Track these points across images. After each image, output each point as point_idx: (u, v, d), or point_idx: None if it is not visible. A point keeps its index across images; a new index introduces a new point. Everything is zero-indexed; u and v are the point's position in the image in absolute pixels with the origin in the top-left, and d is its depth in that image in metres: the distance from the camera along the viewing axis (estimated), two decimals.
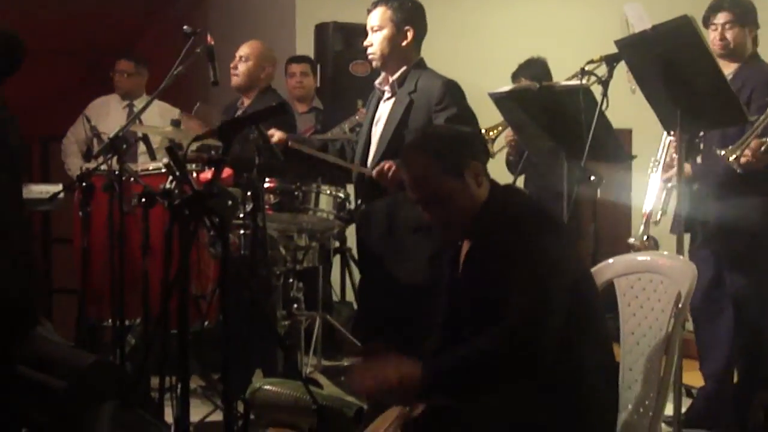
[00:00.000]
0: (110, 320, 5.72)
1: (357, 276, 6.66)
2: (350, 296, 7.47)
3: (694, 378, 5.20)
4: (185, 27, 4.90)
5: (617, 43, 4.22)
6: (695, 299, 4.43)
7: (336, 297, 7.58)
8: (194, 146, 4.13)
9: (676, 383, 4.21)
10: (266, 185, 4.51)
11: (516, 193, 3.53)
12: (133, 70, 7.60)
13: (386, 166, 4.70)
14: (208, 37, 4.94)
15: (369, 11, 4.95)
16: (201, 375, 5.50)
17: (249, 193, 4.14)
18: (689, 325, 5.19)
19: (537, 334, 2.95)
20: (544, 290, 2.98)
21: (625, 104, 4.94)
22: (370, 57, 4.96)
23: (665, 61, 4.04)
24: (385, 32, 4.87)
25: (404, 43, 4.89)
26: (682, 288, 3.32)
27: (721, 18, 4.84)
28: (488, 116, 5.33)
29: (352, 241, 6.16)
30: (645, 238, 4.79)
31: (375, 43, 4.90)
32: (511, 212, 3.19)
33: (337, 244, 6.20)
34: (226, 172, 4.59)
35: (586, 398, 3.10)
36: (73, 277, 6.86)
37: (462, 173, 3.17)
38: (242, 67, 6.08)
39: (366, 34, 4.97)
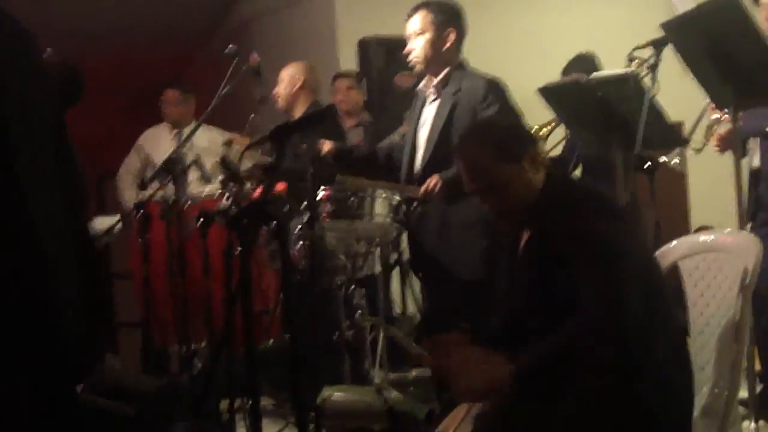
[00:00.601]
0: (176, 346, 5.77)
1: (417, 287, 6.66)
2: (412, 309, 7.44)
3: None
4: (230, 46, 4.94)
5: (663, 26, 4.17)
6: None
7: (397, 310, 7.56)
8: (248, 164, 4.16)
9: (749, 368, 4.14)
10: (320, 194, 4.51)
11: (573, 180, 3.52)
12: (180, 99, 7.66)
13: (432, 183, 4.75)
14: (254, 56, 4.98)
15: (409, 16, 4.99)
16: (269, 393, 5.50)
17: (304, 204, 4.15)
18: None
19: (620, 321, 2.92)
20: (617, 276, 2.95)
21: (675, 97, 4.88)
22: (413, 61, 5.01)
23: (712, 39, 3.99)
24: (427, 36, 4.93)
25: (446, 46, 4.95)
26: (749, 263, 3.27)
27: None
28: (540, 118, 5.33)
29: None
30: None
31: (417, 47, 4.95)
32: (572, 198, 3.17)
33: (395, 255, 6.19)
34: (280, 185, 4.61)
35: (662, 384, 3.05)
36: (134, 310, 6.92)
37: (519, 160, 3.16)
38: (279, 90, 6.16)
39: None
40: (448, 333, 3.32)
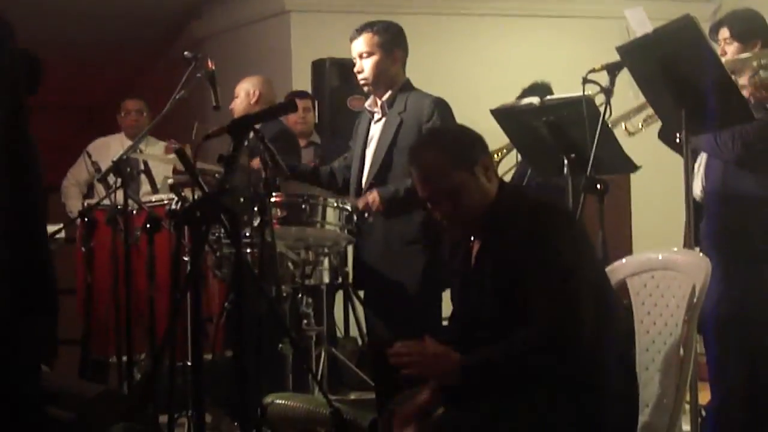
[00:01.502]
0: (115, 357, 5.67)
1: (360, 311, 6.65)
2: (354, 332, 7.42)
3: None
4: (186, 53, 4.94)
5: (618, 49, 4.21)
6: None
7: (340, 333, 7.53)
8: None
9: (693, 403, 4.15)
10: (273, 199, 4.50)
11: (525, 191, 3.54)
12: (142, 108, 7.68)
13: (370, 198, 4.81)
14: (209, 62, 4.97)
15: (352, 38, 5.05)
16: (209, 408, 5.42)
17: (256, 209, 4.13)
18: (700, 347, 5.13)
19: (571, 333, 2.94)
20: (569, 288, 2.97)
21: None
22: (362, 83, 5.09)
23: (668, 63, 4.03)
24: (375, 57, 5.02)
25: (393, 66, 5.03)
26: (697, 282, 3.30)
27: (722, 33, 4.82)
28: (491, 144, 5.35)
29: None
30: None
31: (366, 68, 5.04)
32: (524, 208, 3.18)
33: (345, 270, 6.19)
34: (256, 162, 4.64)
35: (608, 397, 3.07)
36: (75, 327, 6.79)
37: (473, 167, 3.17)
38: (236, 104, 6.23)
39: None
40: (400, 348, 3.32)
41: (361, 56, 5.05)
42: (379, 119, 5.10)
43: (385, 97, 5.05)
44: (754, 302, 4.62)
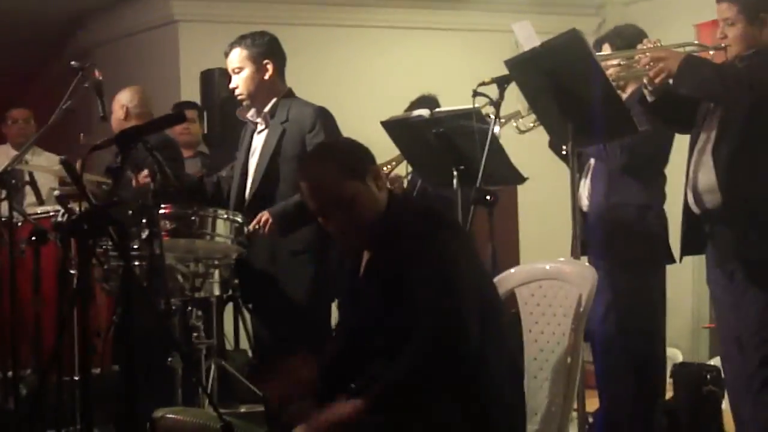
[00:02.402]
0: None
1: (249, 324, 6.61)
2: (244, 344, 7.38)
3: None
4: (73, 62, 4.88)
5: (507, 63, 4.27)
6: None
7: (229, 346, 7.48)
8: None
9: (580, 410, 4.21)
10: (162, 211, 4.45)
11: (413, 199, 3.56)
12: (28, 117, 7.55)
13: (262, 219, 4.81)
14: (96, 72, 4.91)
15: (226, 54, 5.06)
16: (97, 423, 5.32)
17: (144, 221, 4.08)
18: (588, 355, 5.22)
19: (457, 341, 2.96)
20: (455, 297, 2.98)
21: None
22: (238, 98, 5.09)
23: (555, 77, 4.11)
24: (246, 72, 5.05)
25: (267, 77, 5.06)
26: (583, 291, 3.36)
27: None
28: (379, 157, 5.38)
29: None
30: None
31: (239, 84, 5.06)
32: (411, 217, 3.19)
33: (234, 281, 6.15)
34: (143, 178, 4.58)
35: (494, 406, 3.09)
36: None
37: (363, 176, 3.18)
38: (113, 120, 6.06)
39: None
40: (289, 361, 3.31)
41: (234, 71, 5.07)
42: (262, 130, 5.09)
43: (267, 107, 5.05)
44: (639, 311, 4.72)
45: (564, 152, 4.36)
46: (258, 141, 5.10)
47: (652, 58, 4.09)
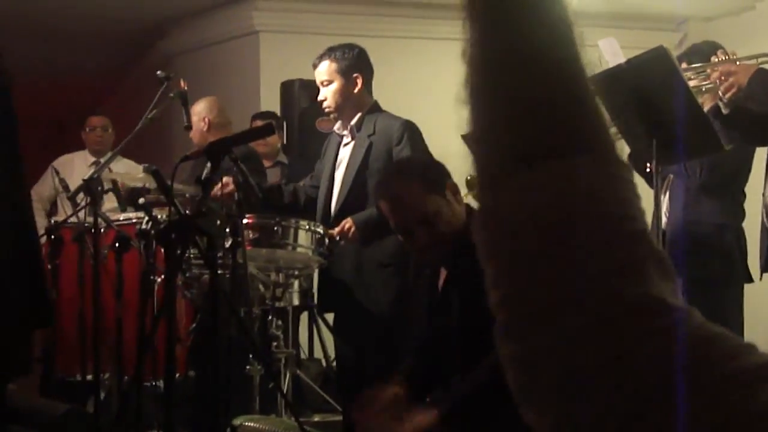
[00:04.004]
0: (79, 375, 5.61)
1: (324, 333, 6.65)
2: (318, 353, 7.42)
3: None
4: (159, 72, 4.92)
5: (591, 78, 4.23)
6: None
7: (304, 355, 7.52)
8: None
9: None
10: (245, 221, 4.49)
11: None
12: (107, 125, 7.64)
13: (346, 227, 4.80)
14: (181, 82, 4.96)
15: (314, 66, 5.06)
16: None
17: (228, 230, 4.11)
18: None
19: None
20: None
21: None
22: (326, 110, 5.08)
23: (640, 94, 4.07)
24: (335, 85, 5.01)
25: (356, 90, 5.04)
26: None
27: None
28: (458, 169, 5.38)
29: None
30: None
31: (328, 96, 5.04)
32: None
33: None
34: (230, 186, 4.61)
35: None
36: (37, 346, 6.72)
37: (443, 191, 3.18)
38: (193, 133, 6.13)
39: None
40: (381, 388, 3.29)
41: (323, 84, 5.06)
42: (348, 142, 5.09)
43: (353, 120, 5.05)
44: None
45: (648, 170, 4.31)
46: (344, 153, 5.10)
47: (722, 72, 4.05)
